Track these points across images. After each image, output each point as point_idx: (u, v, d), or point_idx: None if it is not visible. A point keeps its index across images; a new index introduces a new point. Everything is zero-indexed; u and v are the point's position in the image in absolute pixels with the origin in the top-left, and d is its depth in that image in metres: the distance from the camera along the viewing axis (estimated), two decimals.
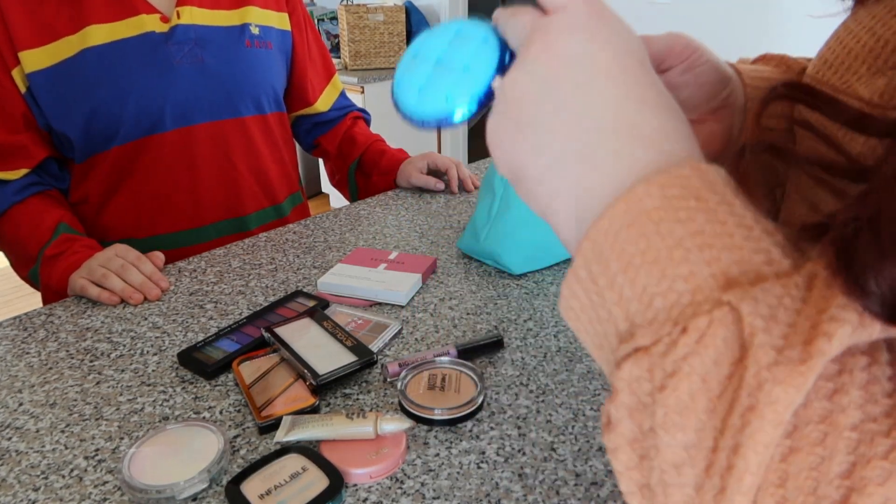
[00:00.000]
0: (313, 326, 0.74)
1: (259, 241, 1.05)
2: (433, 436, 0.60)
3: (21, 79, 0.94)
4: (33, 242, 0.95)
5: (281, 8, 1.16)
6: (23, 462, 0.58)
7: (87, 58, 0.95)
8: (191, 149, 1.05)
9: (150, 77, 0.98)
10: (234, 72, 1.06)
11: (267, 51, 1.12)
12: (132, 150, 1.01)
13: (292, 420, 0.59)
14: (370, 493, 0.54)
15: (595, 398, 0.65)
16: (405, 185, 1.25)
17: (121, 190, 1.04)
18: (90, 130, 0.98)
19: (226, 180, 1.10)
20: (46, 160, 1.01)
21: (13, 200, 0.98)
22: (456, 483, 0.55)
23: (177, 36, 1.00)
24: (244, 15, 1.08)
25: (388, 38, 3.42)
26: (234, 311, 0.83)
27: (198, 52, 1.02)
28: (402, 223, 1.10)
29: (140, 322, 0.81)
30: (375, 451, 0.56)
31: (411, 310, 0.82)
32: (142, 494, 0.52)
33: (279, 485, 0.53)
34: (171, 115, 1.01)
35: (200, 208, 1.08)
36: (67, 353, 0.75)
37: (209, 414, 0.64)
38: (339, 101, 1.32)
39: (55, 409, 0.65)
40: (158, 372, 0.71)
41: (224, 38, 1.05)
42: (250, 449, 0.59)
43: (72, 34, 0.95)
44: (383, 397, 0.66)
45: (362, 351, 0.68)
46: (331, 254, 0.99)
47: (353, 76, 3.26)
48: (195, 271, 0.94)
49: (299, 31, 1.20)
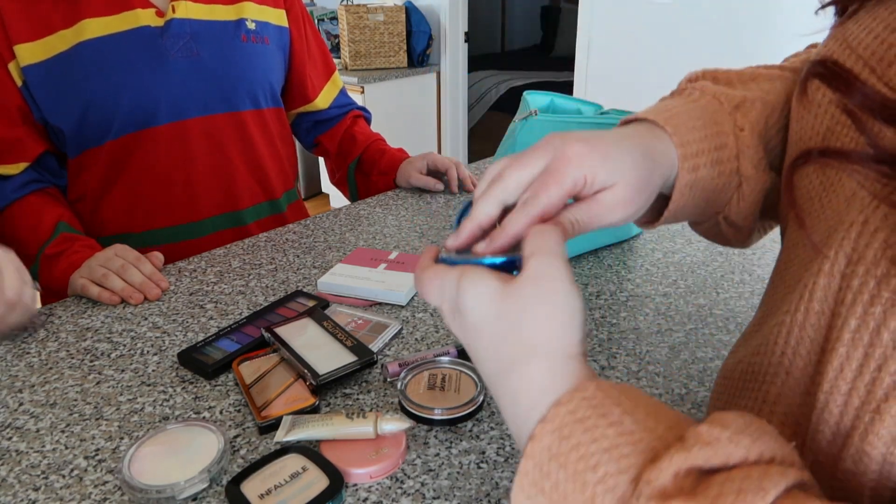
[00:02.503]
0: (313, 326, 0.74)
1: (259, 241, 1.05)
2: (433, 436, 0.60)
3: (17, 72, 0.94)
4: (32, 241, 0.95)
5: (278, 5, 1.16)
6: (23, 462, 0.58)
7: (82, 51, 0.95)
8: (185, 143, 1.05)
9: (144, 71, 0.98)
10: (230, 66, 1.06)
11: (263, 46, 1.12)
12: (127, 145, 1.01)
13: (292, 420, 0.59)
14: (370, 493, 0.54)
15: None
16: (405, 185, 1.25)
17: (117, 185, 1.04)
18: (84, 124, 0.98)
19: (221, 174, 1.10)
20: (45, 157, 1.01)
21: (12, 198, 0.98)
22: (456, 483, 0.55)
23: (172, 30, 1.00)
24: (240, 10, 1.08)
25: (388, 38, 3.42)
26: (234, 311, 0.83)
27: (193, 46, 1.02)
28: (402, 223, 1.10)
29: (140, 322, 0.81)
30: (375, 451, 0.56)
31: (411, 310, 0.82)
32: (142, 494, 0.52)
33: (279, 485, 0.53)
34: (166, 109, 1.01)
35: (196, 202, 1.08)
36: (67, 353, 0.75)
37: (209, 414, 0.64)
38: (340, 99, 1.32)
39: (55, 409, 0.65)
40: (158, 372, 0.71)
41: (219, 32, 1.05)
42: (250, 449, 0.59)
43: (67, 28, 0.95)
44: (383, 397, 0.66)
45: (362, 351, 0.68)
46: (331, 254, 0.99)
47: (353, 76, 3.26)
48: (195, 271, 0.94)
49: (297, 27, 1.20)
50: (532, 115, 0.92)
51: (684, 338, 0.76)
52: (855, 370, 0.31)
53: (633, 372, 0.69)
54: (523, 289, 0.35)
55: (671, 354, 0.72)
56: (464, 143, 3.94)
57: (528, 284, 0.35)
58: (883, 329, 0.30)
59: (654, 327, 0.78)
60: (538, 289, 0.35)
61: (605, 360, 0.72)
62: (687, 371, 0.70)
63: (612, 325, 0.78)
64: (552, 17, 5.67)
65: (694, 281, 0.89)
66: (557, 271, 0.35)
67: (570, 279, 0.35)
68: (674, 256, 0.96)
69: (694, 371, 0.70)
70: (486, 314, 0.36)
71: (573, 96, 0.99)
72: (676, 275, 0.90)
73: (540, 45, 5.98)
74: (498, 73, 4.89)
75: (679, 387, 0.67)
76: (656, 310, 0.82)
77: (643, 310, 0.82)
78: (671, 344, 0.74)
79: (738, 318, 0.79)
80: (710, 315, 0.80)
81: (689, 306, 0.82)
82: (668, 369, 0.70)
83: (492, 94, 4.65)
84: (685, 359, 0.72)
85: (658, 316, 0.80)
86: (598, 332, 0.77)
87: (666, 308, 0.82)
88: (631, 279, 0.89)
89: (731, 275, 0.90)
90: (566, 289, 0.35)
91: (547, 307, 0.35)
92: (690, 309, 0.82)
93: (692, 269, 0.92)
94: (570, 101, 1.00)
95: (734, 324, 0.78)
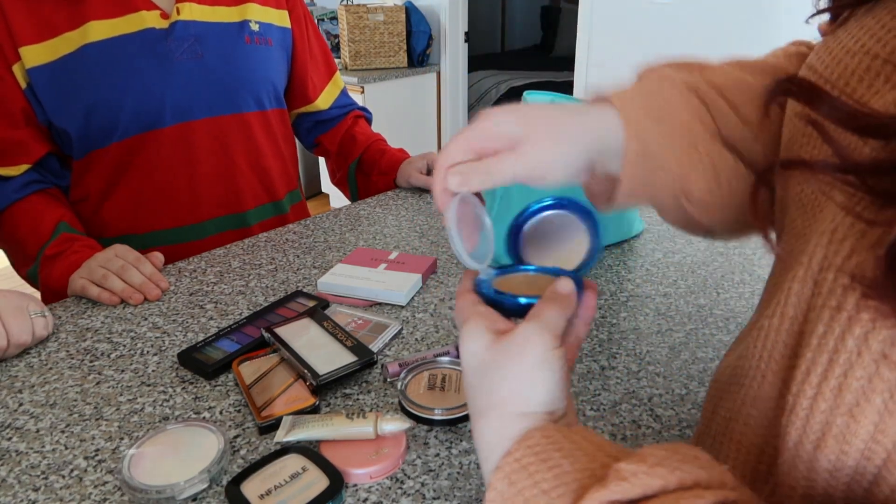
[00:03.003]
0: (313, 326, 0.74)
1: (259, 241, 1.05)
2: (433, 436, 0.60)
3: (21, 74, 0.95)
4: (33, 241, 0.95)
5: (281, 6, 1.16)
6: (23, 462, 0.58)
7: (87, 54, 0.95)
8: (190, 144, 1.05)
9: (149, 73, 0.99)
10: (234, 68, 1.06)
11: (267, 47, 1.12)
12: (131, 146, 1.01)
13: (292, 420, 0.59)
14: (370, 494, 0.54)
15: (595, 398, 0.65)
16: (405, 185, 1.25)
17: (120, 186, 1.04)
18: (90, 126, 0.98)
19: (225, 176, 1.10)
20: (47, 157, 1.01)
21: (14, 198, 0.98)
22: (456, 483, 0.55)
23: (176, 32, 1.00)
24: (244, 12, 1.09)
25: (388, 38, 3.42)
26: (234, 312, 0.83)
27: (197, 48, 1.02)
28: (402, 223, 1.10)
29: (140, 322, 0.81)
30: (375, 451, 0.56)
31: (411, 310, 0.82)
32: (142, 494, 0.52)
33: (279, 485, 0.53)
34: (171, 110, 1.01)
35: (200, 204, 1.08)
36: (67, 353, 0.75)
37: (209, 414, 0.64)
38: (341, 100, 1.32)
39: (55, 409, 0.65)
40: (158, 372, 0.71)
41: (223, 34, 1.06)
42: (250, 449, 0.59)
43: (72, 30, 0.95)
44: (383, 397, 0.66)
45: (362, 351, 0.68)
46: (331, 254, 0.99)
47: (353, 76, 3.26)
48: (195, 271, 0.94)
49: (300, 28, 1.21)
50: None
51: (684, 338, 0.76)
52: (820, 374, 0.32)
53: (633, 372, 0.69)
54: (502, 349, 0.39)
55: (671, 354, 0.72)
56: None
57: (508, 346, 0.39)
58: (847, 335, 0.30)
59: (655, 327, 0.78)
60: (512, 352, 0.39)
61: (605, 360, 0.72)
62: (687, 371, 0.70)
63: (612, 325, 0.78)
64: (552, 17, 5.66)
65: (694, 281, 0.88)
66: (539, 339, 0.39)
67: (549, 347, 0.39)
68: (674, 256, 0.96)
69: (694, 371, 0.70)
70: (473, 365, 0.41)
71: (573, 96, 0.99)
72: (677, 275, 0.90)
73: (540, 45, 5.98)
74: (498, 73, 4.88)
75: (679, 387, 0.67)
76: (656, 310, 0.82)
77: (643, 310, 0.82)
78: (671, 344, 0.74)
79: (738, 319, 0.79)
80: (711, 315, 0.80)
81: (689, 306, 0.82)
82: (668, 369, 0.70)
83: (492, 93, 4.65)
84: (685, 359, 0.72)
85: (658, 316, 0.80)
86: (598, 332, 0.77)
87: (666, 308, 0.82)
88: (631, 279, 0.89)
89: (732, 275, 0.90)
90: (540, 355, 0.38)
91: (515, 369, 0.39)
92: (691, 309, 0.82)
93: (692, 270, 0.92)
94: (570, 101, 1.00)
95: (734, 324, 0.78)
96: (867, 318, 0.30)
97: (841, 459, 0.31)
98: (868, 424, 0.30)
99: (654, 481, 0.32)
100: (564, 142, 0.43)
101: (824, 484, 0.32)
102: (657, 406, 0.64)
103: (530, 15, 6.09)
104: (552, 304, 0.41)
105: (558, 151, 0.43)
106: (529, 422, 0.38)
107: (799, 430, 0.33)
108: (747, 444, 0.38)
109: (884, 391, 0.29)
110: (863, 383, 0.30)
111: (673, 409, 0.64)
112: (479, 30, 5.69)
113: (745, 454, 0.38)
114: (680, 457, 0.33)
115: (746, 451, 0.38)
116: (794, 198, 0.39)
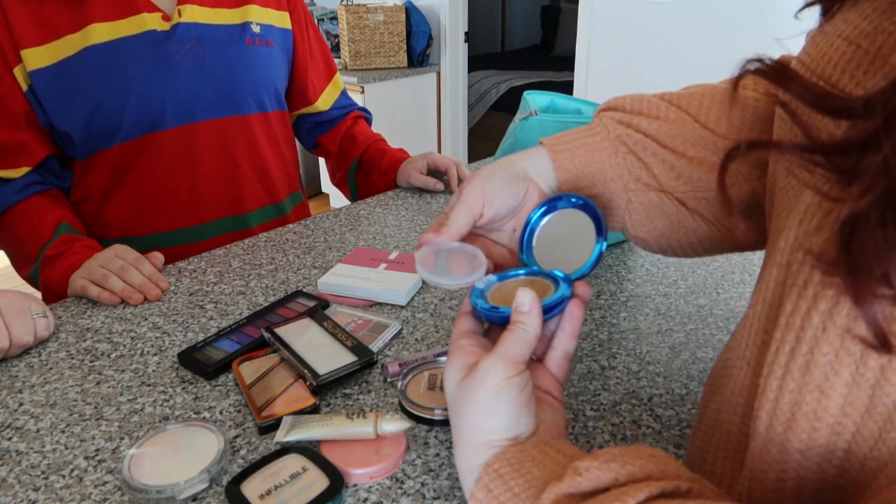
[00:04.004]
0: (313, 326, 0.74)
1: (259, 241, 1.05)
2: (433, 436, 0.60)
3: (23, 77, 0.95)
4: (34, 242, 0.95)
5: (282, 7, 1.16)
6: (23, 462, 0.58)
7: (89, 56, 0.95)
8: (192, 146, 1.05)
9: (151, 75, 0.99)
10: (235, 70, 1.06)
11: (268, 49, 1.12)
12: (133, 148, 1.01)
13: (292, 420, 0.59)
14: (370, 494, 0.54)
15: (595, 398, 0.65)
16: (405, 185, 1.25)
17: (122, 187, 1.04)
18: (92, 128, 0.98)
19: (227, 178, 1.10)
20: (48, 159, 1.02)
21: (14, 199, 0.98)
22: (456, 483, 0.55)
23: (178, 34, 1.00)
24: (245, 13, 1.09)
25: (388, 38, 3.42)
26: (234, 312, 0.83)
27: (199, 50, 1.02)
28: (402, 223, 1.10)
29: (140, 322, 0.81)
30: (375, 451, 0.56)
31: (411, 310, 0.82)
32: (142, 495, 0.52)
33: (279, 485, 0.53)
34: (173, 112, 1.02)
35: (202, 206, 1.08)
36: (67, 353, 0.75)
37: (209, 414, 0.64)
38: (341, 101, 1.32)
39: (55, 409, 0.65)
40: (158, 372, 0.71)
41: (225, 36, 1.06)
42: (250, 449, 0.59)
43: (73, 32, 0.95)
44: (383, 397, 0.66)
45: (362, 351, 0.68)
46: (331, 254, 0.99)
47: (353, 76, 3.26)
48: (195, 271, 0.94)
49: (300, 29, 1.21)
50: (532, 115, 0.92)
51: (685, 338, 0.76)
52: (788, 353, 0.32)
53: (634, 372, 0.69)
54: (466, 385, 0.43)
55: (671, 354, 0.72)
56: (464, 143, 3.94)
57: (470, 382, 0.43)
58: (814, 312, 0.30)
59: (655, 327, 0.78)
60: (472, 387, 0.43)
61: (605, 360, 0.72)
62: (687, 371, 0.70)
63: (612, 325, 0.78)
64: (552, 17, 5.67)
65: (694, 281, 0.88)
66: (494, 371, 0.42)
67: (504, 377, 0.42)
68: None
69: (694, 371, 0.70)
70: (449, 400, 0.45)
71: (573, 96, 0.99)
72: (677, 275, 0.90)
73: (540, 45, 5.98)
74: (498, 72, 4.89)
75: (679, 387, 0.67)
76: (656, 310, 0.82)
77: (643, 310, 0.82)
78: (671, 344, 0.74)
79: (738, 319, 0.79)
80: (711, 315, 0.80)
81: (689, 306, 0.82)
82: (668, 369, 0.70)
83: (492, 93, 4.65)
84: (685, 359, 0.72)
85: (658, 316, 0.80)
86: (598, 332, 0.77)
87: (666, 308, 0.82)
88: (631, 279, 0.89)
89: (732, 275, 0.90)
90: (495, 386, 0.42)
91: (474, 404, 0.42)
92: (691, 309, 0.82)
93: (692, 269, 0.92)
94: (571, 100, 1.00)
95: (734, 324, 0.78)
96: (832, 294, 0.30)
97: (812, 437, 0.31)
98: (837, 397, 0.30)
99: (605, 475, 0.34)
100: (496, 172, 0.53)
101: (796, 466, 0.32)
102: (657, 406, 0.64)
103: (530, 15, 6.09)
104: (510, 331, 0.45)
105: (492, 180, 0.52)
106: (493, 450, 0.41)
107: (769, 412, 0.33)
108: (736, 434, 0.38)
109: (850, 364, 0.29)
110: (830, 358, 0.30)
111: (673, 409, 0.64)
112: (479, 30, 5.69)
113: (734, 444, 0.39)
114: (634, 453, 0.36)
115: (736, 440, 0.38)
116: (780, 189, 0.39)
